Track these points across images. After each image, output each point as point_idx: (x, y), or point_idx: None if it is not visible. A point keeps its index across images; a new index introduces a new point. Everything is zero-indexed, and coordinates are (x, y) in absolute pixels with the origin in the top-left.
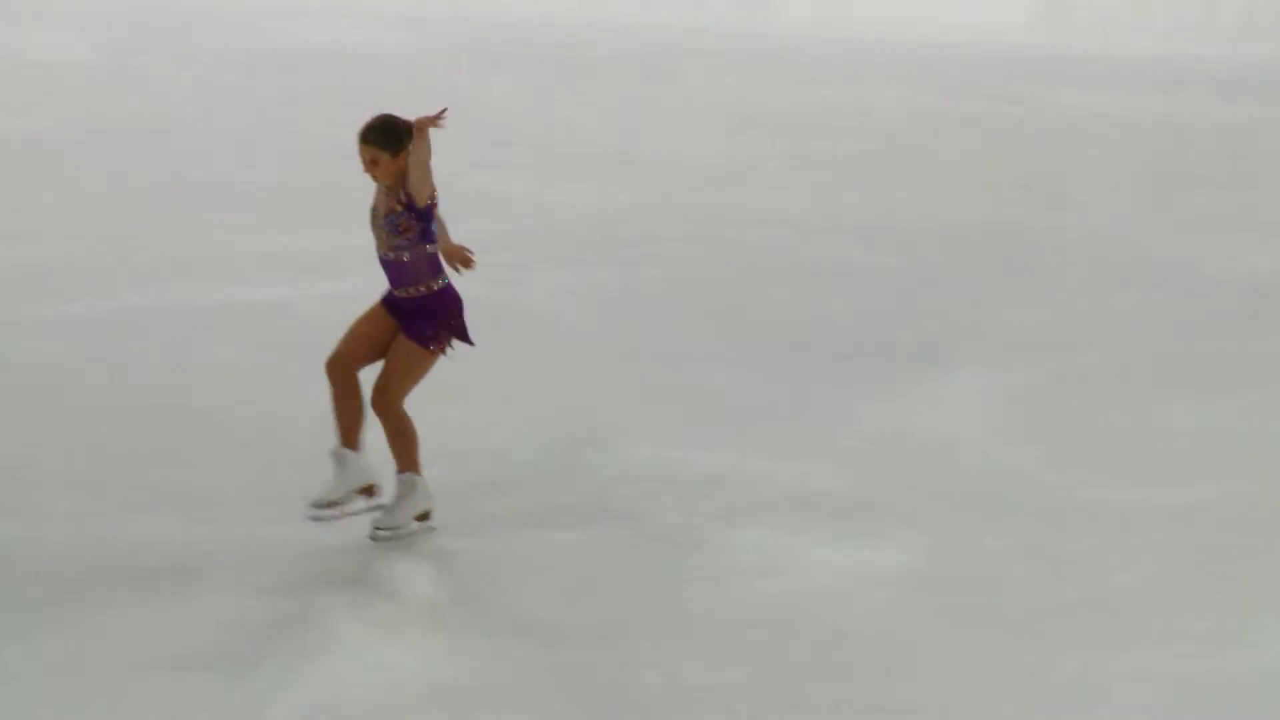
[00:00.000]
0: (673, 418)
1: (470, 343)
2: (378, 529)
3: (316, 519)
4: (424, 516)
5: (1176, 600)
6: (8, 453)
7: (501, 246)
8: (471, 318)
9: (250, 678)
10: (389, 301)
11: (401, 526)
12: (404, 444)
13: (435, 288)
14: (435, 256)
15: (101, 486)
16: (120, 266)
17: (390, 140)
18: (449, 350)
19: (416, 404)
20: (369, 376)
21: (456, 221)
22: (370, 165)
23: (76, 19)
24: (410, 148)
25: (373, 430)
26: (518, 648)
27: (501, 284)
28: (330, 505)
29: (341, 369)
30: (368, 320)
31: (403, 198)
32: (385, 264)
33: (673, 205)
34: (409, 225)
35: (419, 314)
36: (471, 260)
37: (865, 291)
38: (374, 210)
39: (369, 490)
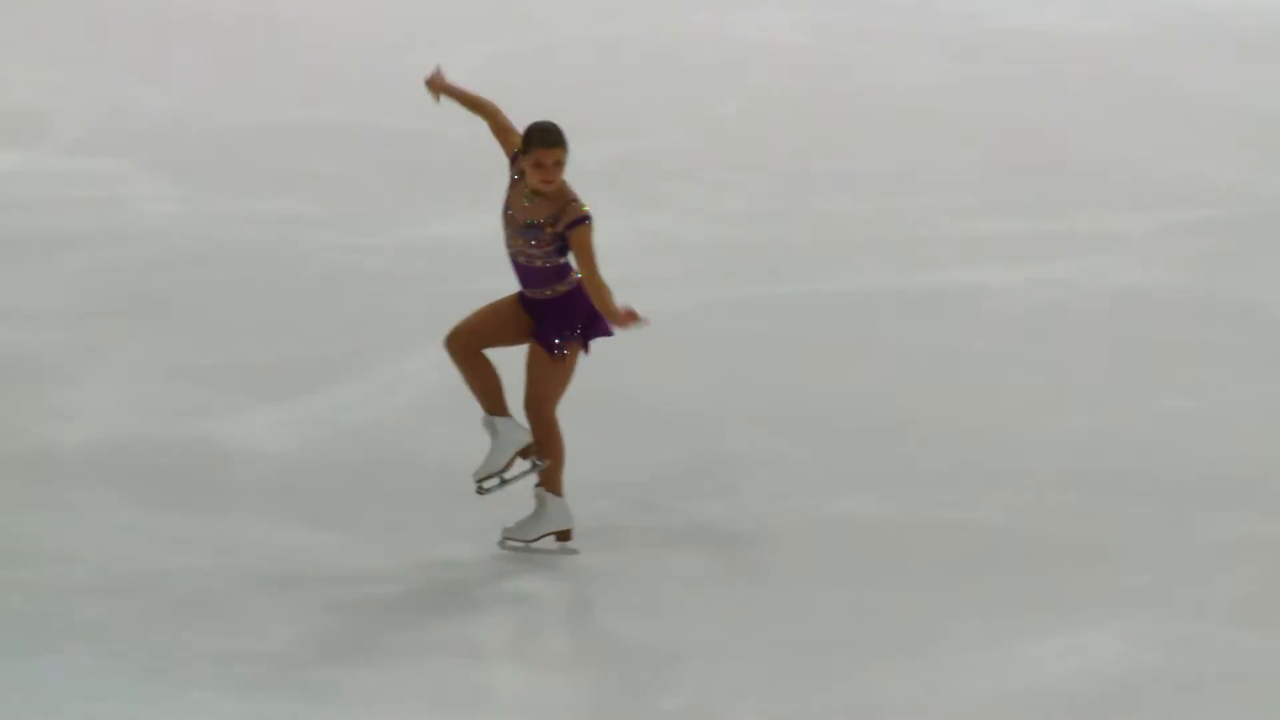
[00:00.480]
0: None
1: (608, 333)
2: (508, 539)
3: (482, 493)
4: (564, 536)
5: None
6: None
7: (1208, 234)
8: (1178, 305)
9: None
10: (524, 296)
11: (532, 542)
12: (552, 470)
13: (562, 290)
14: (567, 265)
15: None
16: (831, 247)
17: (565, 139)
18: (587, 349)
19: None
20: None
21: (1153, 209)
22: (555, 168)
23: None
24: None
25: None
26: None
27: (1207, 273)
28: (492, 477)
29: (459, 342)
30: (497, 306)
31: (559, 227)
32: (515, 264)
33: None
34: (549, 243)
35: (547, 316)
36: (635, 322)
37: None
38: (509, 207)
39: (527, 451)
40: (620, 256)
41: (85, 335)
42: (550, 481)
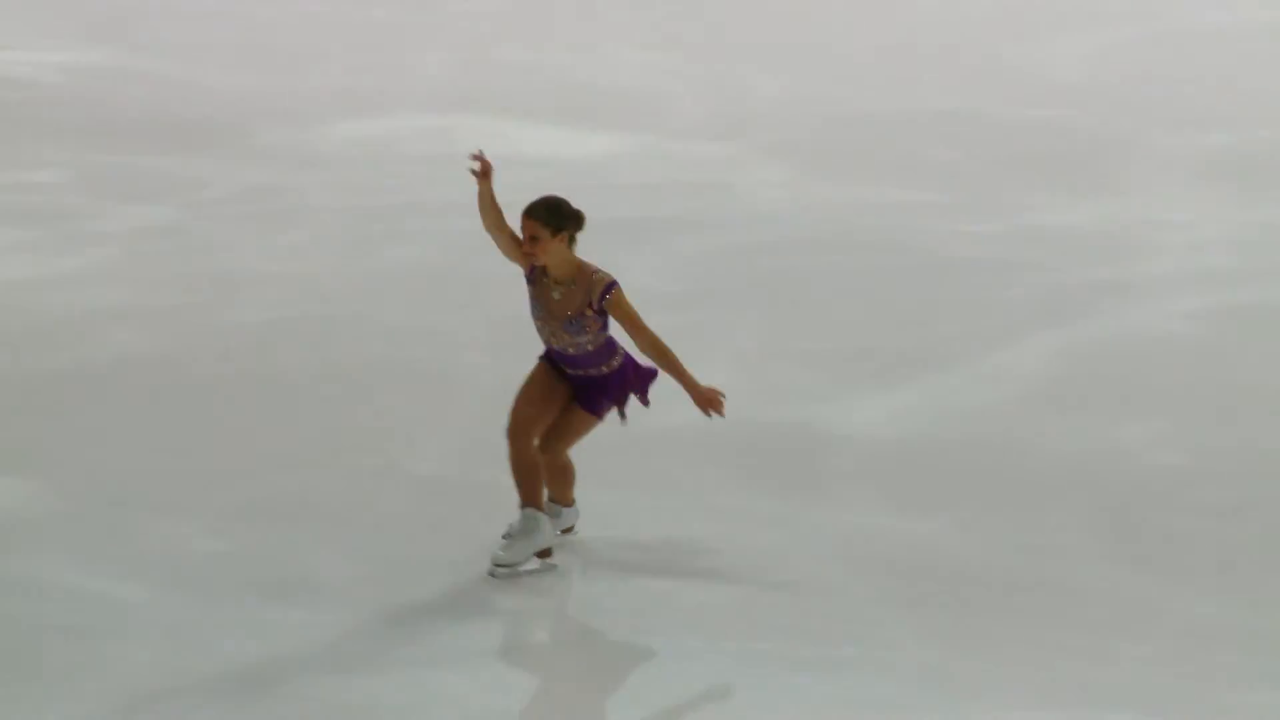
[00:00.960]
0: None
1: (652, 377)
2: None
3: (494, 576)
4: (567, 530)
5: None
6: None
7: None
8: None
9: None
10: (567, 374)
11: (524, 561)
12: (564, 481)
13: (614, 366)
14: (612, 339)
15: None
16: None
17: (553, 217)
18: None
19: None
20: None
21: None
22: (529, 242)
23: None
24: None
25: None
26: None
27: None
28: (507, 566)
29: (522, 436)
30: (539, 384)
31: (596, 305)
32: (563, 356)
33: None
34: (593, 324)
35: (592, 389)
36: (722, 406)
37: None
38: (543, 308)
39: (546, 553)
40: (1236, 248)
41: (695, 318)
42: (562, 497)
